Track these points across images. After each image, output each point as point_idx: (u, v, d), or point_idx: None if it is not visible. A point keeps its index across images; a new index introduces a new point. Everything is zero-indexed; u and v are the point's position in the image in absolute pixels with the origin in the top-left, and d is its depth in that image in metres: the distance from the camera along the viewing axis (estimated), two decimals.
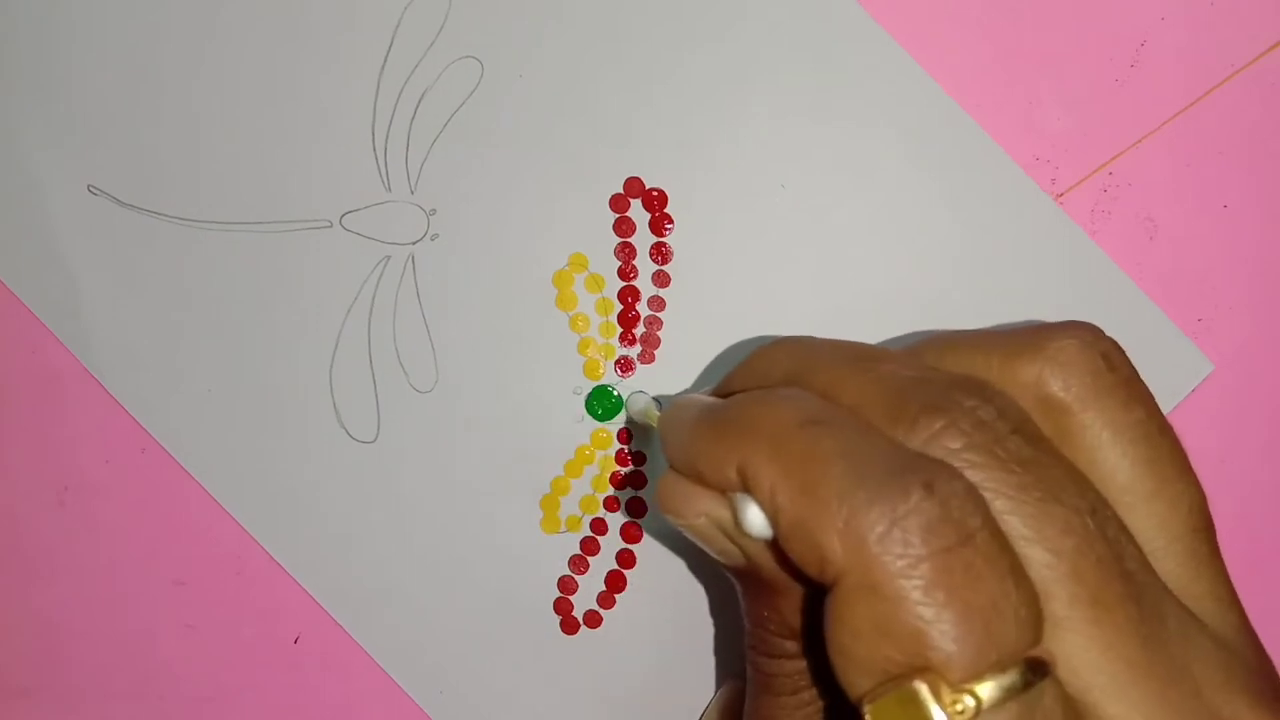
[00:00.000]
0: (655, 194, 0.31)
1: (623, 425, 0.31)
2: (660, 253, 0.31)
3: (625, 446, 0.31)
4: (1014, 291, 0.31)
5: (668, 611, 0.32)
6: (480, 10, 0.31)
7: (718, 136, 0.31)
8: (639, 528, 0.31)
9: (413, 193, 0.31)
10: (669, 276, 0.31)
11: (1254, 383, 0.32)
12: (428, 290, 0.31)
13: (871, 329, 0.31)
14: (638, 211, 0.31)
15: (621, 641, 0.32)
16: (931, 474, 0.19)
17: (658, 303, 0.31)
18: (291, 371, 0.32)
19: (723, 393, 0.25)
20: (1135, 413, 0.23)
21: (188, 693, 0.33)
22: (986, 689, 0.18)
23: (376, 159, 0.31)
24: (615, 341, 0.31)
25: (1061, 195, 0.31)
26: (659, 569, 0.32)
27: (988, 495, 0.20)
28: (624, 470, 0.31)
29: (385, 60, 0.31)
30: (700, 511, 0.23)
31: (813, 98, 0.31)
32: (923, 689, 0.18)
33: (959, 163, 0.31)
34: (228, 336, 0.32)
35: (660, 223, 0.31)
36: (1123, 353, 0.23)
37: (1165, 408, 0.31)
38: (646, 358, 0.31)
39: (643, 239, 0.31)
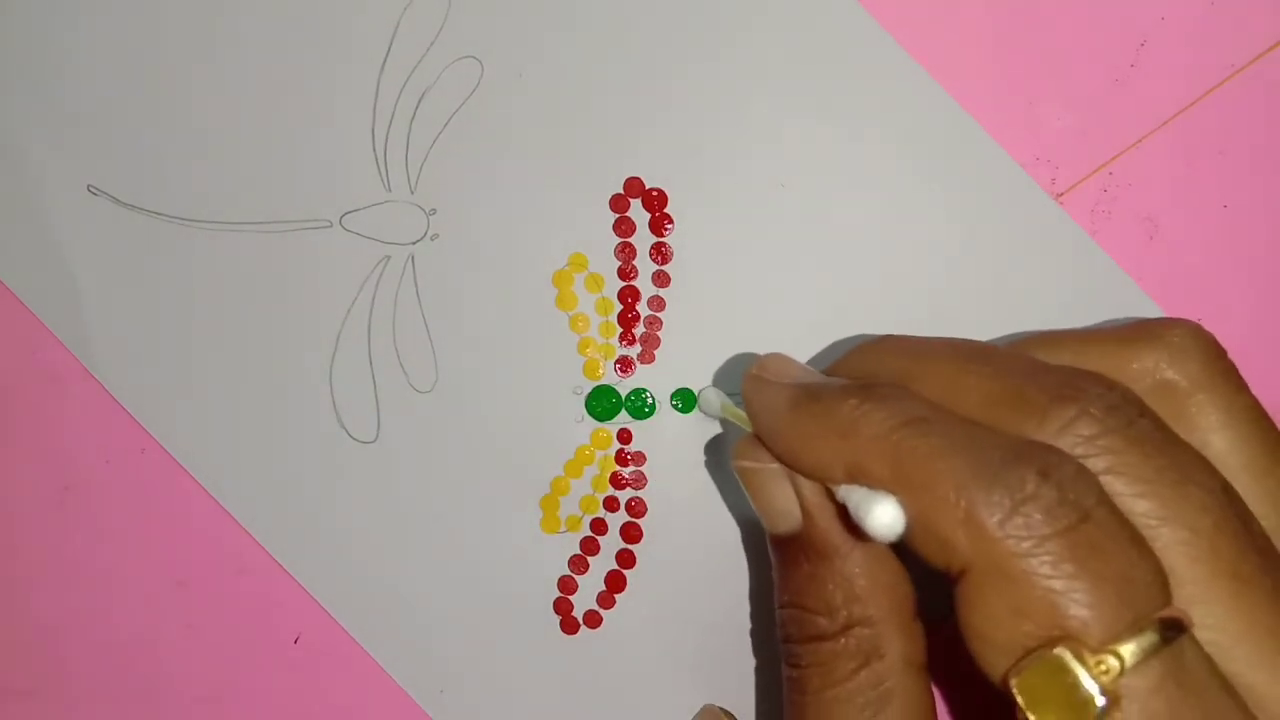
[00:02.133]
0: (655, 194, 0.31)
1: (623, 425, 0.31)
2: (660, 253, 0.31)
3: (625, 446, 0.31)
4: (1014, 291, 0.31)
5: (668, 611, 0.32)
6: (480, 10, 0.31)
7: (718, 136, 0.31)
8: (639, 528, 0.31)
9: (413, 193, 0.31)
10: (669, 276, 0.31)
11: (1253, 383, 0.32)
12: (428, 290, 0.31)
13: (871, 329, 0.31)
14: (638, 211, 0.31)
15: (621, 641, 0.32)
16: (1043, 459, 0.20)
17: (658, 303, 0.31)
18: (291, 371, 0.32)
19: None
20: (1246, 397, 0.24)
21: (188, 693, 0.33)
22: (1127, 649, 0.18)
23: (376, 159, 0.31)
24: (615, 341, 0.31)
25: (1061, 195, 0.31)
26: (659, 569, 0.32)
27: (1123, 480, 0.20)
28: (624, 470, 0.31)
29: (385, 60, 0.31)
30: (780, 488, 0.24)
31: (813, 98, 0.31)
32: (1066, 655, 0.19)
33: (959, 162, 0.31)
34: (228, 336, 0.32)
35: (660, 223, 0.31)
36: (1221, 345, 0.25)
37: None
38: (646, 358, 0.31)
39: (643, 239, 0.31)
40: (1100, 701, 0.18)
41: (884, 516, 0.21)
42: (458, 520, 0.32)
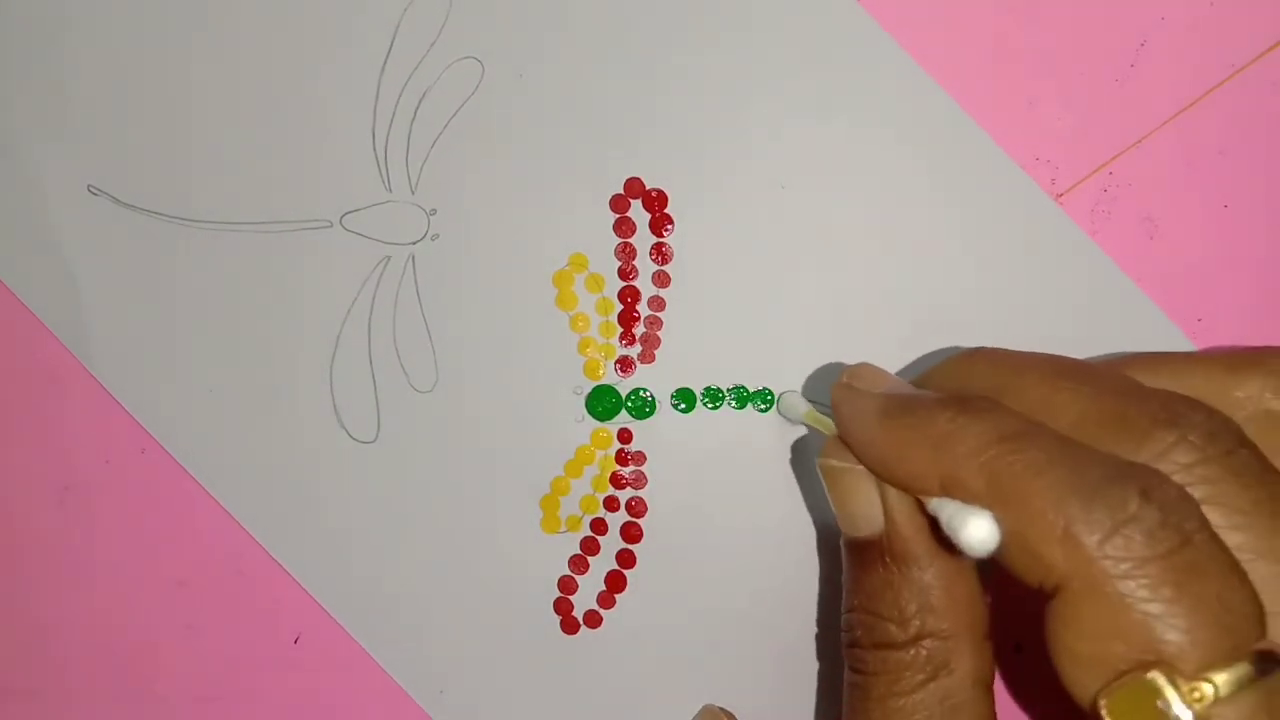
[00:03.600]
0: (655, 194, 0.31)
1: (623, 425, 0.31)
2: (660, 253, 0.31)
3: (625, 446, 0.31)
4: (1014, 291, 0.31)
5: (668, 611, 0.32)
6: (480, 10, 0.31)
7: (718, 137, 0.31)
8: (639, 528, 0.31)
9: (413, 193, 0.31)
10: (669, 277, 0.31)
11: None
12: (428, 290, 0.31)
13: (872, 328, 0.31)
14: (638, 212, 0.31)
15: (621, 641, 0.32)
16: (1145, 481, 0.20)
17: (658, 303, 0.31)
18: (291, 371, 0.32)
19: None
20: None
21: (188, 693, 0.33)
22: (1221, 678, 0.18)
23: (377, 159, 0.31)
24: (615, 341, 0.31)
25: (1061, 195, 0.31)
26: (659, 569, 0.32)
27: (1220, 511, 0.20)
28: (624, 470, 0.31)
29: (386, 61, 0.31)
30: (864, 492, 0.24)
31: (813, 98, 0.31)
32: (1160, 679, 0.18)
33: (959, 163, 0.31)
34: (228, 336, 0.32)
35: (660, 223, 0.31)
36: None
37: None
38: (646, 357, 0.31)
39: (643, 239, 0.31)
40: None
41: (979, 532, 0.21)
42: (458, 520, 0.32)
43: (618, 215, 0.31)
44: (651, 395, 0.31)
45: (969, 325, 0.31)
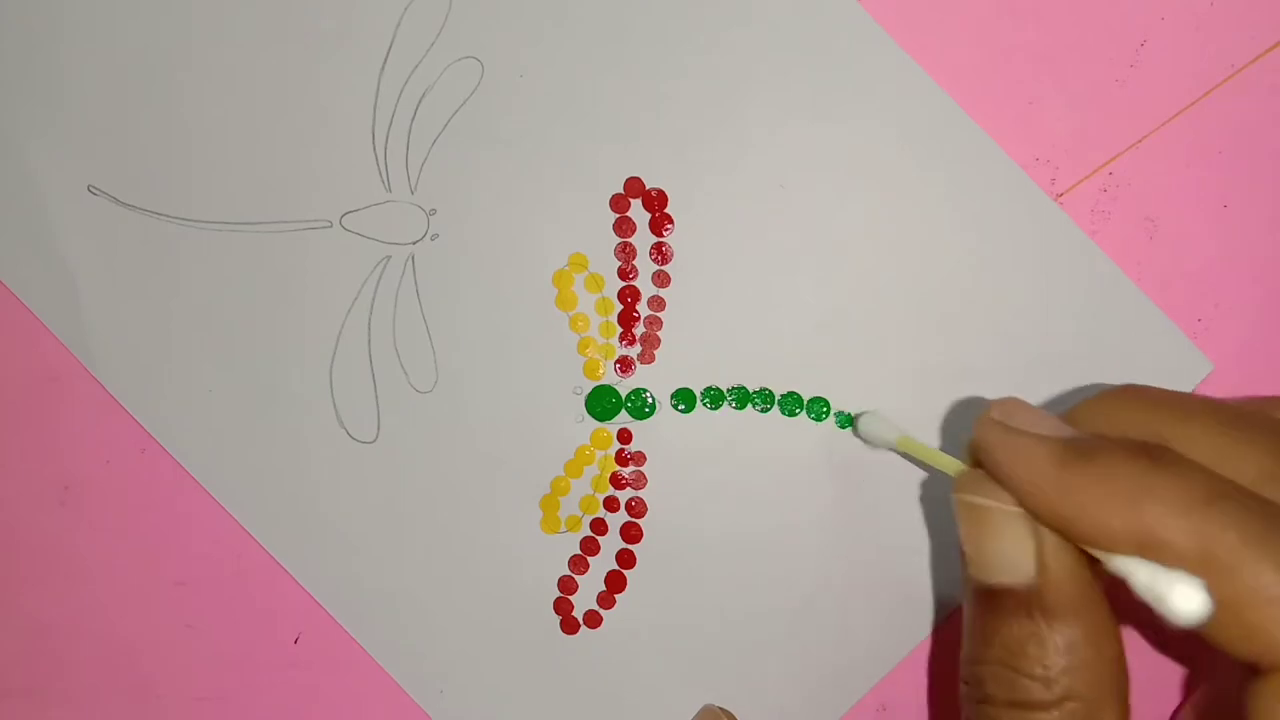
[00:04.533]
0: (655, 194, 0.31)
1: (623, 425, 0.31)
2: (660, 252, 0.31)
3: (625, 446, 0.31)
4: (1014, 291, 0.31)
5: (668, 611, 0.32)
6: (480, 10, 0.31)
7: (718, 136, 0.31)
8: (639, 528, 0.31)
9: (413, 193, 0.31)
10: (669, 276, 0.31)
11: (1254, 383, 0.32)
12: (428, 290, 0.31)
13: (872, 328, 0.31)
14: (638, 211, 0.31)
15: (621, 641, 0.32)
16: None
17: (658, 303, 0.31)
18: (291, 371, 0.32)
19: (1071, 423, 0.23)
20: None
21: (188, 693, 0.33)
22: None
23: (377, 159, 0.31)
24: (615, 341, 0.31)
25: (1061, 195, 0.31)
26: (659, 569, 0.32)
27: None
28: (624, 470, 0.31)
29: (385, 60, 0.31)
30: (1016, 536, 0.22)
31: (813, 98, 0.31)
32: None
33: (959, 163, 0.31)
34: (228, 336, 0.32)
35: (660, 223, 0.31)
36: None
37: None
38: (646, 358, 0.31)
39: (643, 239, 0.31)
40: None
41: (1189, 602, 0.19)
42: (458, 520, 0.32)
43: (618, 215, 0.31)
44: (651, 396, 0.31)
45: (970, 325, 0.31)
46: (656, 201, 0.31)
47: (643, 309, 0.31)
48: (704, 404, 0.31)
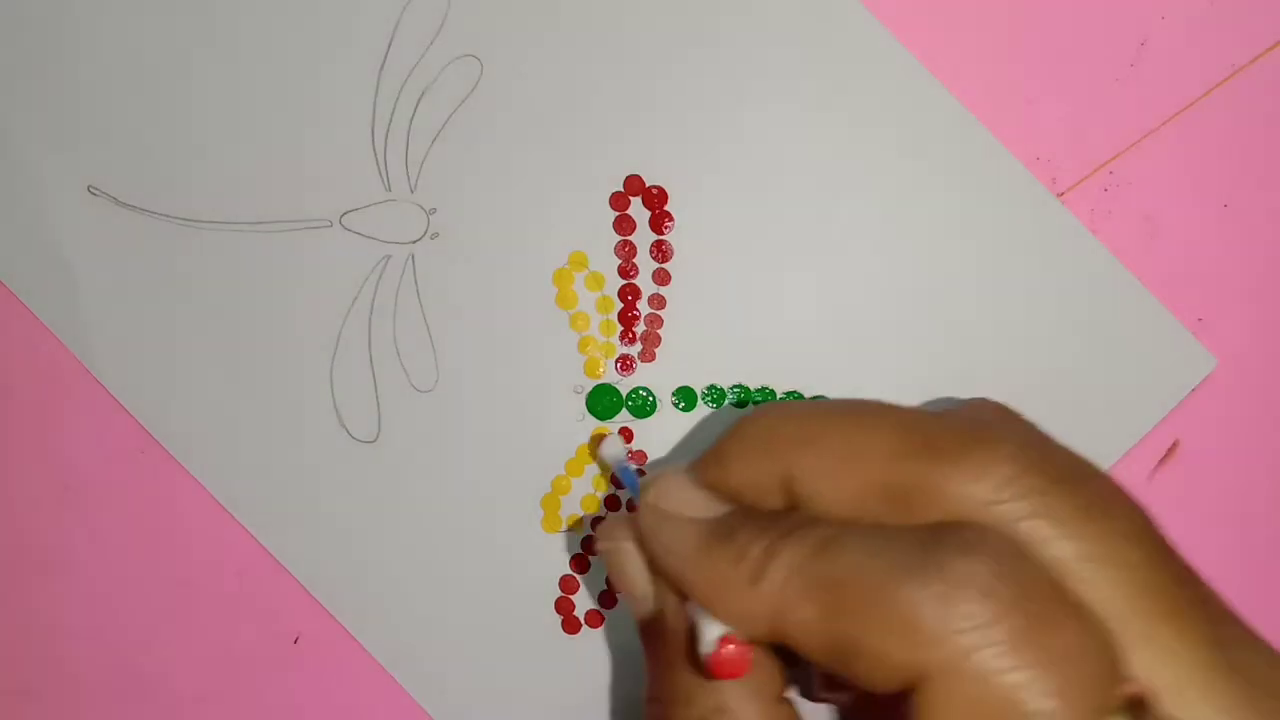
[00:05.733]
0: (655, 192, 0.31)
1: (624, 424, 0.31)
2: (660, 250, 0.31)
3: (627, 445, 0.31)
4: (1016, 289, 0.31)
5: None
6: (480, 9, 0.31)
7: (718, 134, 0.31)
8: None
9: (413, 192, 0.31)
10: (669, 274, 0.31)
11: (1254, 383, 0.32)
12: (428, 290, 0.31)
13: (873, 326, 0.31)
14: (638, 209, 0.31)
15: (623, 641, 0.32)
16: (959, 536, 0.19)
17: (658, 300, 0.31)
18: (291, 371, 0.32)
19: (723, 469, 0.23)
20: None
21: (188, 693, 0.32)
22: None
23: (376, 158, 0.31)
24: (616, 340, 0.31)
25: (1062, 195, 0.31)
26: None
27: (1048, 522, 0.19)
28: None
29: (385, 59, 0.31)
30: (639, 570, 0.23)
31: (814, 96, 0.31)
32: None
33: (961, 161, 0.31)
34: (228, 336, 0.32)
35: (660, 220, 0.31)
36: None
37: (1168, 405, 0.31)
38: (647, 356, 0.31)
39: (643, 237, 0.31)
40: None
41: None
42: (459, 520, 0.32)
43: (618, 213, 0.31)
44: (652, 394, 0.31)
45: (972, 323, 0.31)
46: (657, 199, 0.31)
47: (643, 307, 0.31)
48: (705, 403, 0.31)
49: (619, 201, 0.31)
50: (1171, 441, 0.32)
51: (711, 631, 0.21)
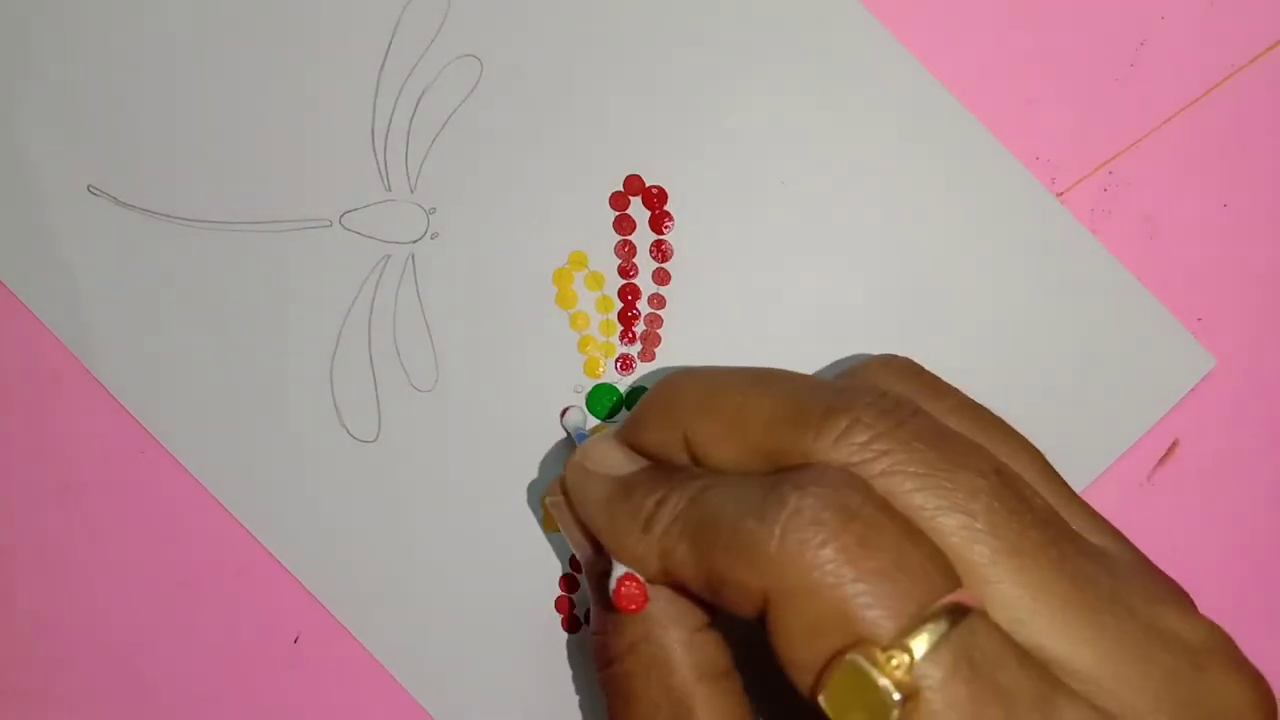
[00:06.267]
0: (655, 191, 0.31)
1: None
2: (660, 250, 0.31)
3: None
4: (1016, 288, 0.31)
5: None
6: (480, 9, 0.31)
7: (718, 134, 0.31)
8: None
9: (412, 192, 0.31)
10: (669, 274, 0.31)
11: (1253, 382, 0.32)
12: (428, 289, 0.31)
13: (873, 325, 0.31)
14: (638, 209, 0.31)
15: None
16: (799, 476, 0.21)
17: (658, 300, 0.31)
18: (291, 371, 0.32)
19: (638, 433, 0.26)
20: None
21: (188, 693, 0.32)
22: (917, 641, 0.19)
23: (376, 158, 0.31)
24: (616, 339, 0.31)
25: (1062, 194, 0.31)
26: None
27: (900, 478, 0.21)
28: None
29: (385, 59, 0.31)
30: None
31: (814, 95, 0.31)
32: (858, 659, 0.19)
33: (960, 160, 0.31)
34: (228, 336, 0.32)
35: (660, 220, 0.31)
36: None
37: (1167, 404, 0.31)
38: (647, 355, 0.31)
39: (643, 236, 0.31)
40: (896, 697, 0.19)
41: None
42: (458, 519, 0.32)
43: (617, 213, 0.31)
44: None
45: (972, 322, 0.31)
46: (656, 198, 0.31)
47: (643, 307, 0.31)
48: None
49: (619, 201, 0.31)
50: (1171, 441, 0.32)
51: (616, 572, 0.24)
